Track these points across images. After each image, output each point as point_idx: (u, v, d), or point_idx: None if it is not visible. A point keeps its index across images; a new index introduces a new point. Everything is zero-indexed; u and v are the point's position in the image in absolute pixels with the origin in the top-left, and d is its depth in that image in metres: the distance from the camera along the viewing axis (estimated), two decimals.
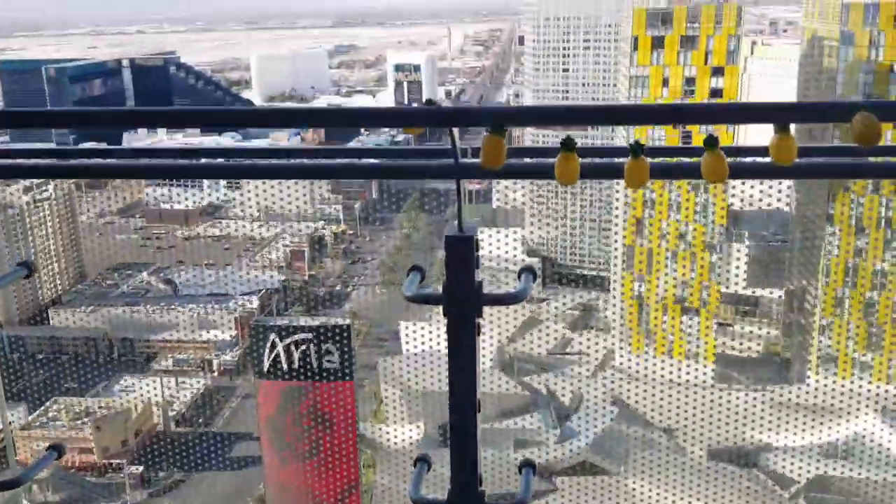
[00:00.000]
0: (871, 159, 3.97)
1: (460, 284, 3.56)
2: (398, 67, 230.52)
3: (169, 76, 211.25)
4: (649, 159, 3.22)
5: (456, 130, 3.64)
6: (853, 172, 5.91)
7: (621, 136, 60.08)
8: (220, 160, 4.85)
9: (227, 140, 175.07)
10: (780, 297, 58.89)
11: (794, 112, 3.43)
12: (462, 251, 3.58)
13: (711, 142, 3.16)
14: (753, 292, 58.12)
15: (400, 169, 4.96)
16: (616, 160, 3.72)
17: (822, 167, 4.21)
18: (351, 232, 77.19)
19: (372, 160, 4.58)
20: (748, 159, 3.87)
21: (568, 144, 3.30)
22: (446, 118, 3.55)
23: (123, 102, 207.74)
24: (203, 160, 4.90)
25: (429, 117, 3.49)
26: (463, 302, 3.55)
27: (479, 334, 3.61)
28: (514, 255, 62.67)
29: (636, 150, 3.24)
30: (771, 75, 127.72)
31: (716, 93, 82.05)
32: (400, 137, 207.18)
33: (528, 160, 4.34)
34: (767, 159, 3.21)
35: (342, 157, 4.88)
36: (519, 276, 3.74)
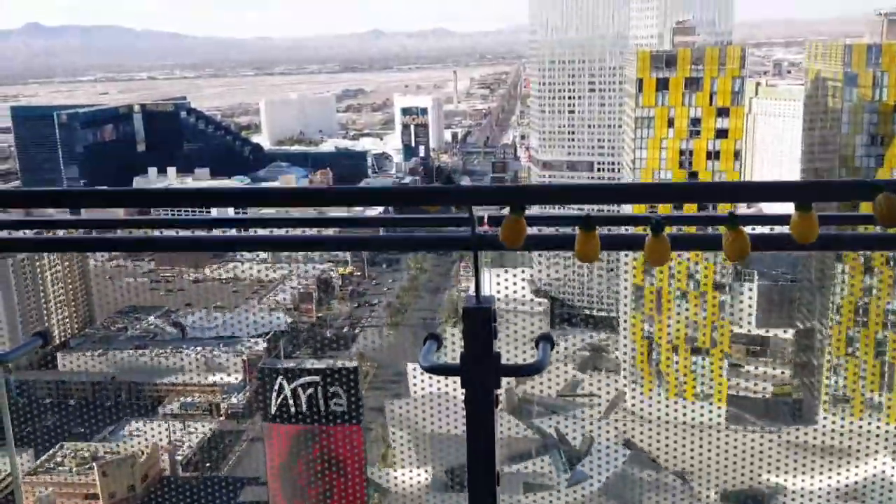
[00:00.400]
0: (892, 231, 3.93)
1: (478, 357, 3.55)
2: (405, 111, 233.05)
3: (180, 121, 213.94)
4: (668, 227, 3.22)
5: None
6: (875, 244, 5.85)
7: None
8: (226, 232, 4.84)
9: (236, 184, 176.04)
10: (791, 336, 58.52)
11: (816, 191, 3.43)
12: (480, 323, 3.56)
13: (733, 220, 3.16)
14: (767, 331, 57.80)
15: (417, 241, 4.90)
16: (635, 232, 3.69)
17: (845, 240, 4.19)
18: (358, 273, 77.39)
19: (389, 232, 4.56)
20: (768, 229, 3.79)
21: (588, 223, 3.27)
22: (466, 197, 3.60)
23: (134, 147, 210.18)
24: (202, 232, 4.88)
25: (448, 196, 3.58)
26: (481, 375, 3.54)
27: (497, 406, 3.60)
28: (523, 296, 62.55)
29: (657, 227, 3.22)
30: (776, 115, 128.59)
31: (721, 133, 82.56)
32: (407, 179, 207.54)
33: (546, 230, 4.27)
34: (787, 229, 3.20)
35: (361, 227, 4.84)
36: (536, 345, 3.73)
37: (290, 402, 32.26)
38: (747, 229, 3.16)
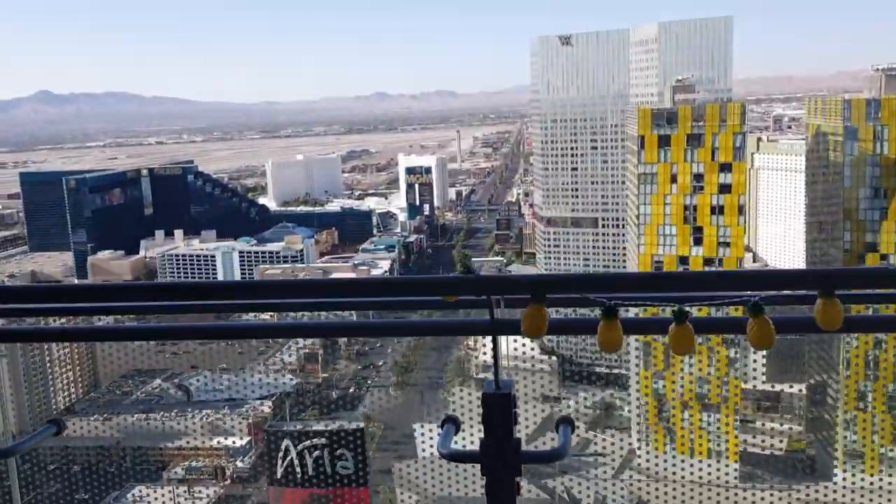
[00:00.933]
0: None
1: (499, 444, 3.48)
2: (409, 170, 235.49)
3: (187, 184, 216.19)
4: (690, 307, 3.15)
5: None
6: None
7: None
8: (239, 321, 4.84)
9: (242, 245, 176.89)
10: (802, 391, 57.84)
11: (840, 279, 3.40)
12: (500, 409, 3.51)
13: (757, 309, 3.11)
14: (777, 386, 57.13)
15: (435, 327, 4.75)
16: (659, 315, 3.62)
17: (869, 323, 4.08)
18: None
19: (409, 318, 4.52)
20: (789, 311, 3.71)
21: (610, 313, 3.20)
22: (486, 287, 3.52)
23: (142, 211, 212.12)
24: (208, 324, 4.90)
25: (468, 285, 3.49)
26: (502, 462, 3.47)
27: (518, 493, 3.52)
28: (532, 355, 62.17)
29: (680, 316, 3.17)
30: (778, 170, 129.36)
31: (725, 188, 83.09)
32: (412, 238, 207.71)
33: (569, 314, 4.13)
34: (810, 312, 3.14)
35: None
36: (557, 429, 3.68)
37: (297, 464, 31.89)
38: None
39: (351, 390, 68.37)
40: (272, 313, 4.53)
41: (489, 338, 3.78)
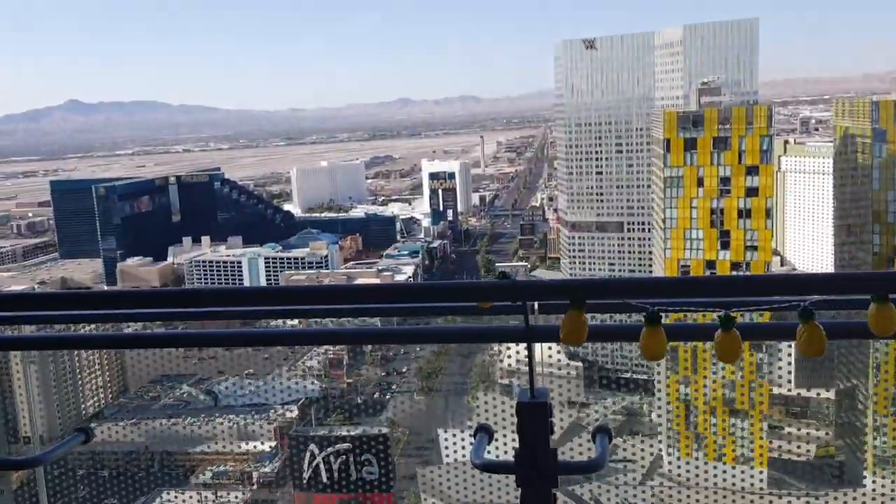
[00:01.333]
0: None
1: (534, 455, 3.41)
2: (433, 176, 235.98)
3: (213, 191, 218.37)
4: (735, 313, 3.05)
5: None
6: None
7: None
8: (269, 327, 4.82)
9: (268, 251, 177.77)
10: (831, 396, 57.05)
11: (893, 282, 3.26)
12: (536, 418, 3.42)
13: (807, 315, 3.03)
14: (806, 391, 56.40)
15: (468, 333, 4.62)
16: (703, 321, 3.52)
17: None
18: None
19: (439, 324, 4.36)
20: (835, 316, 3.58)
21: (652, 318, 3.07)
22: (522, 293, 3.39)
23: (170, 217, 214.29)
24: (240, 330, 4.93)
25: (503, 292, 3.36)
26: (537, 473, 3.41)
27: None
28: (557, 359, 61.88)
29: (727, 322, 3.05)
30: (806, 172, 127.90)
31: (752, 191, 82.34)
32: (436, 243, 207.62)
33: (608, 320, 3.95)
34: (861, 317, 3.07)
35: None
36: (593, 439, 3.60)
37: (322, 469, 31.99)
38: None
39: (375, 395, 68.54)
40: (300, 319, 4.52)
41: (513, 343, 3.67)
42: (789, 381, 56.68)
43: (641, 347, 3.07)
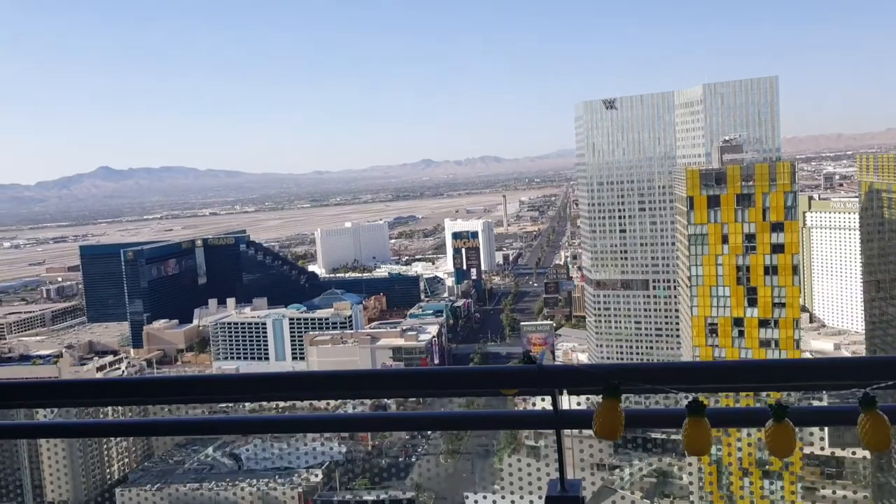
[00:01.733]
0: None
1: None
2: (456, 235, 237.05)
3: (239, 253, 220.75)
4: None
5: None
6: None
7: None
8: (296, 413, 4.85)
9: (292, 312, 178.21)
10: (867, 455, 55.45)
11: None
12: None
13: (868, 402, 2.83)
14: (841, 451, 54.83)
15: (496, 419, 4.37)
16: (749, 408, 3.30)
17: None
18: (412, 398, 76.63)
19: (466, 410, 4.28)
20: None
21: (697, 409, 2.82)
22: (551, 380, 3.20)
23: (196, 280, 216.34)
24: (268, 415, 4.96)
25: (531, 378, 3.17)
26: None
27: None
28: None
29: (779, 412, 2.79)
30: (832, 228, 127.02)
31: (777, 248, 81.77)
32: (459, 302, 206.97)
33: (646, 404, 3.82)
34: None
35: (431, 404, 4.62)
36: None
37: None
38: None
39: (401, 459, 67.65)
40: (329, 401, 4.55)
41: (537, 398, 3.55)
42: (821, 440, 55.25)
43: (684, 443, 2.83)
